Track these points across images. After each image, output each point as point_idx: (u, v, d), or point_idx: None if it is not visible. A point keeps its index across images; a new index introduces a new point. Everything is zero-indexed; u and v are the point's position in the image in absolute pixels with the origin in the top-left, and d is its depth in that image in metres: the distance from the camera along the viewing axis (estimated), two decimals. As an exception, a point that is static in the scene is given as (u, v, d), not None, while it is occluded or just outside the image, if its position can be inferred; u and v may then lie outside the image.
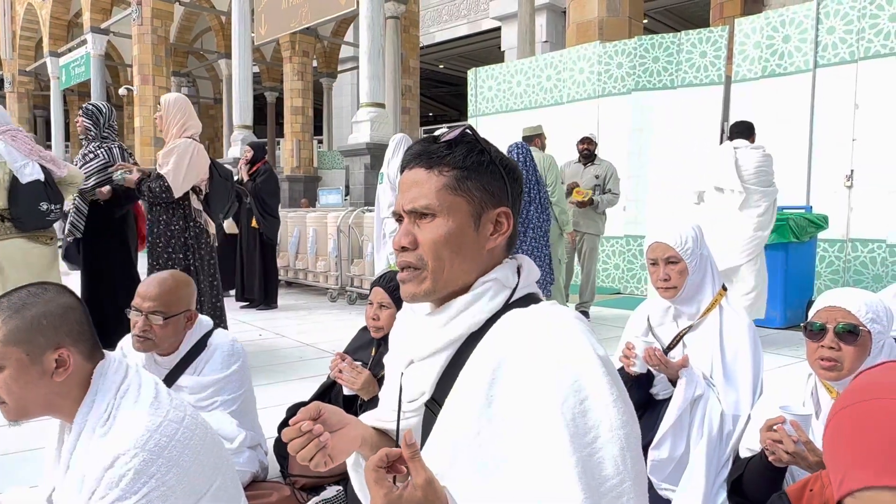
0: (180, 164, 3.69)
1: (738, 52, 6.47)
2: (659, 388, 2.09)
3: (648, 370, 2.02)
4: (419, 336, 1.01)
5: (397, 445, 0.85)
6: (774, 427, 1.51)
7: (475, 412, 0.88)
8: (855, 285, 5.60)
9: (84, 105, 4.13)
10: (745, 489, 1.72)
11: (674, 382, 1.97)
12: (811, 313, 1.66)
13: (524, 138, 5.35)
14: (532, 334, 0.89)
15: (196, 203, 3.87)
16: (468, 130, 1.01)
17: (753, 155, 4.33)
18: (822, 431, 1.52)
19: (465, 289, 0.99)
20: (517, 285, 1.00)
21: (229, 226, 6.98)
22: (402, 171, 1.04)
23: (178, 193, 3.72)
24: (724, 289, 2.10)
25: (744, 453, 1.78)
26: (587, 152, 5.82)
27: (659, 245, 2.06)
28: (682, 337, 2.08)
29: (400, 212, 1.01)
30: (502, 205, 1.01)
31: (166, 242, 3.79)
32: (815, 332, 1.61)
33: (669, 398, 1.99)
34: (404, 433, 0.83)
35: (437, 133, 1.04)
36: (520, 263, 1.04)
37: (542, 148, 5.41)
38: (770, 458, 1.54)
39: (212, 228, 3.96)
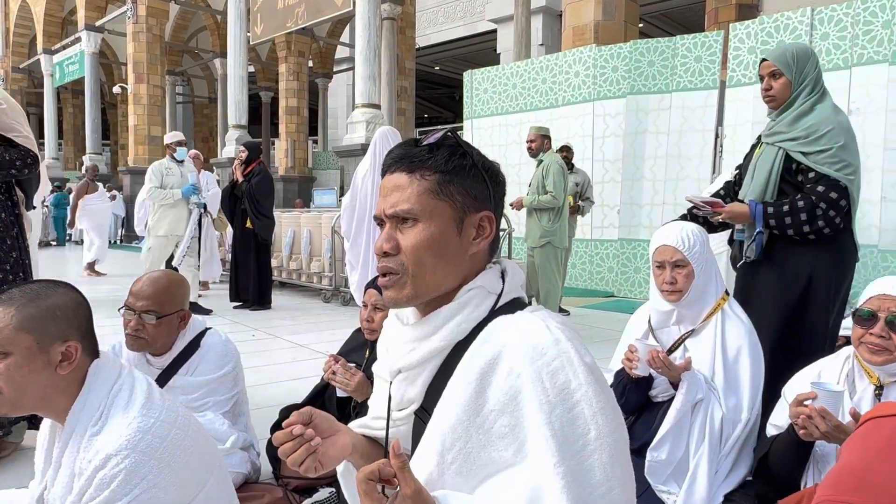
0: (26, 126, 2.71)
1: (732, 57, 6.49)
2: (658, 391, 2.08)
3: (649, 372, 2.02)
4: (406, 346, 1.00)
5: (386, 453, 0.86)
6: (805, 402, 1.51)
7: (464, 421, 0.88)
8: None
9: None
10: (770, 465, 1.69)
11: (675, 385, 1.96)
12: (862, 299, 1.63)
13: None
14: (518, 342, 0.89)
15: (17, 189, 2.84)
16: (449, 133, 1.00)
17: None
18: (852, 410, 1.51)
19: (448, 293, 0.98)
20: (502, 291, 1.00)
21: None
22: (382, 175, 1.02)
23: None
24: (727, 293, 2.10)
25: (770, 430, 1.76)
26: (566, 160, 6.07)
27: (666, 248, 2.04)
28: (683, 341, 2.07)
29: (381, 216, 0.99)
30: (485, 209, 0.99)
31: None
32: (865, 319, 1.58)
33: (668, 400, 1.99)
34: (393, 443, 0.83)
35: (417, 137, 1.02)
36: (503, 268, 1.03)
37: (536, 152, 5.49)
38: (800, 433, 1.52)
39: (36, 222, 3.07)
